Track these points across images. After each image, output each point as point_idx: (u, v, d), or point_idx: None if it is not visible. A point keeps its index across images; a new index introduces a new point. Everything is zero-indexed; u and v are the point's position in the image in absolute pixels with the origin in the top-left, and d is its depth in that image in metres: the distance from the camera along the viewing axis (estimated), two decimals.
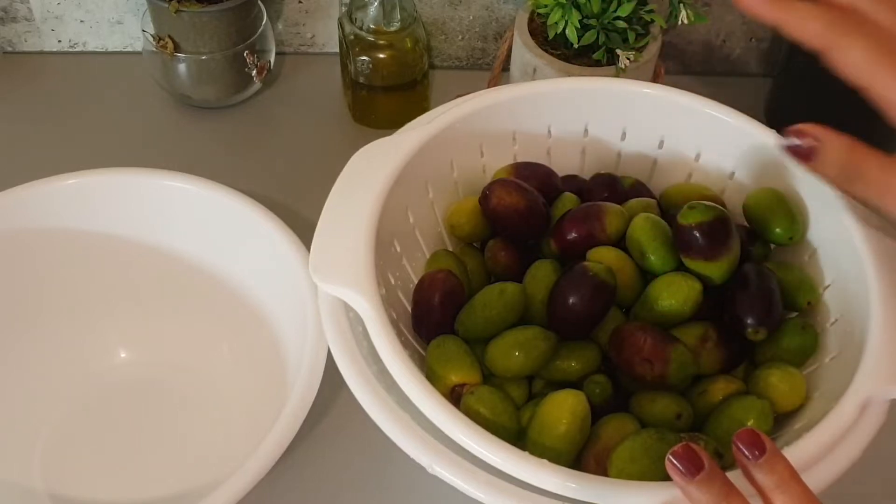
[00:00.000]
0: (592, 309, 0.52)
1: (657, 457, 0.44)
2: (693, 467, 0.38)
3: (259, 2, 0.77)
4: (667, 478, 0.39)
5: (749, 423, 0.48)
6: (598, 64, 0.70)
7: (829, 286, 0.55)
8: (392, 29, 0.73)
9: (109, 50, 0.85)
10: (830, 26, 0.41)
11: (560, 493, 0.42)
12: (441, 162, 0.59)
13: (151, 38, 0.75)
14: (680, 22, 0.69)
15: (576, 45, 0.69)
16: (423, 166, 0.57)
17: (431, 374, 0.51)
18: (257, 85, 0.80)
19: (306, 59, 0.86)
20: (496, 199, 0.56)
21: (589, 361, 0.53)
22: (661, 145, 0.62)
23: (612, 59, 0.70)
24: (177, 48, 0.75)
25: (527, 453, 0.43)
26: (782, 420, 0.51)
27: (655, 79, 0.75)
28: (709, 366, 0.52)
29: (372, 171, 0.54)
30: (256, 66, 0.78)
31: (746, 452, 0.38)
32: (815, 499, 0.38)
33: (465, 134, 0.59)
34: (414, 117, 0.59)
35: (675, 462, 0.38)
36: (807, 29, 0.41)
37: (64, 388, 0.63)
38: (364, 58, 0.74)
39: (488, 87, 0.77)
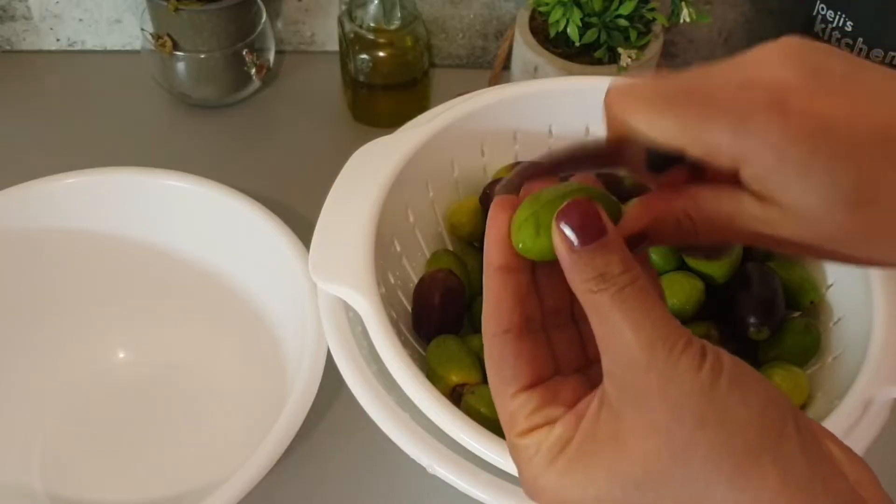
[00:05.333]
0: None
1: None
2: (590, 232, 0.29)
3: (258, 0, 0.77)
4: None
5: None
6: (599, 62, 0.70)
7: (831, 285, 0.54)
8: (392, 27, 0.73)
9: (108, 49, 0.85)
10: None
11: None
12: (441, 161, 0.59)
13: (150, 37, 0.75)
14: (682, 20, 0.68)
15: (577, 44, 0.68)
16: (424, 165, 0.56)
17: (432, 374, 0.51)
18: (256, 84, 0.80)
19: (306, 57, 0.86)
20: None
21: None
22: None
23: (613, 58, 0.70)
24: (176, 47, 0.75)
25: None
26: None
27: None
28: None
29: (372, 170, 0.54)
30: (256, 64, 0.78)
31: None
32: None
33: (465, 133, 0.59)
34: (414, 116, 0.59)
35: (562, 226, 0.29)
36: None
37: (63, 388, 0.63)
38: (364, 56, 0.73)
39: (489, 85, 0.77)
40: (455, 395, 0.50)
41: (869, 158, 0.29)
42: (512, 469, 0.42)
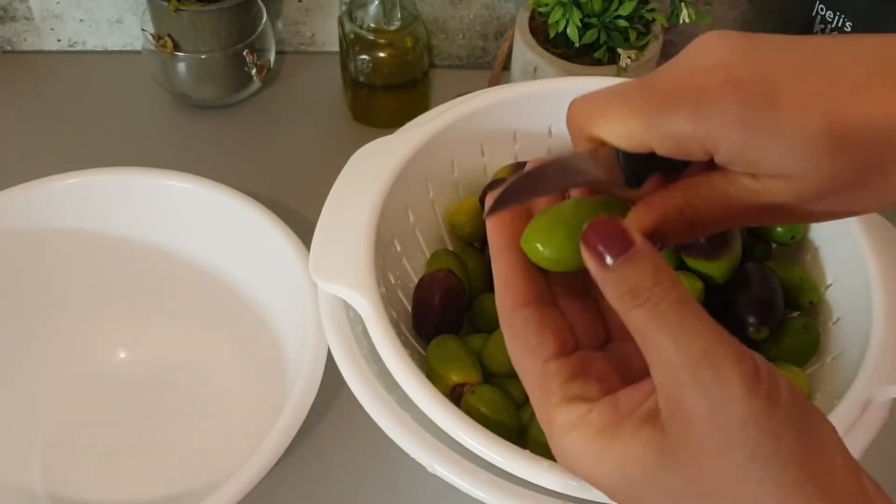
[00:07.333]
0: None
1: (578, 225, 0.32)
2: (616, 246, 0.29)
3: (259, 0, 0.77)
4: None
5: None
6: (599, 63, 0.70)
7: (830, 285, 0.54)
8: (392, 28, 0.73)
9: (109, 49, 0.85)
10: None
11: (562, 491, 0.41)
12: (441, 161, 0.59)
13: (151, 37, 0.75)
14: (681, 21, 0.68)
15: (577, 44, 0.68)
16: (424, 166, 0.56)
17: (432, 374, 0.51)
18: (257, 84, 0.80)
19: (306, 57, 0.86)
20: None
21: None
22: None
23: (613, 58, 0.70)
24: (176, 47, 0.75)
25: (528, 452, 0.42)
26: None
27: None
28: None
29: (372, 170, 0.54)
30: (256, 65, 0.78)
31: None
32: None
33: (465, 133, 0.59)
34: (414, 116, 0.59)
35: (590, 244, 0.30)
36: None
37: (64, 388, 0.63)
38: (364, 57, 0.74)
39: (489, 86, 0.77)
40: (455, 395, 0.50)
41: (832, 99, 0.29)
42: (511, 469, 0.42)
